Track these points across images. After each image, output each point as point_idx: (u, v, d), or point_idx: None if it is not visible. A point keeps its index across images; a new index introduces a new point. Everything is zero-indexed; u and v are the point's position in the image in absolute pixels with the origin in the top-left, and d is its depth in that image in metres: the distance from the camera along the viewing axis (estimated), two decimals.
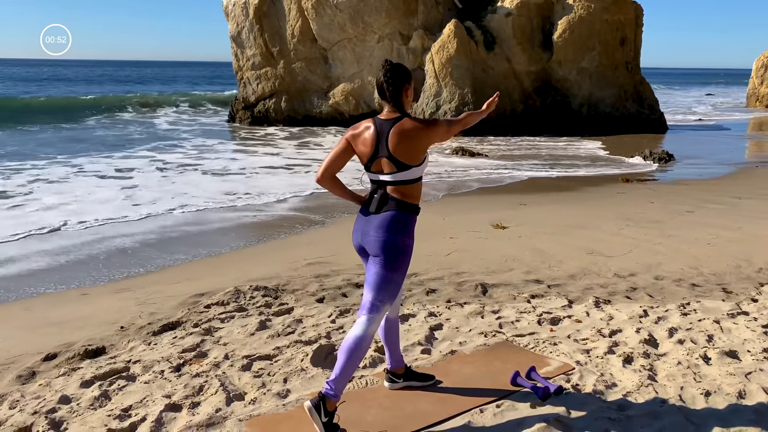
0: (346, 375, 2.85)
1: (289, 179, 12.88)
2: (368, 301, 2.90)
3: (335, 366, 2.86)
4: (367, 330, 2.87)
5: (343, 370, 2.84)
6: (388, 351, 3.30)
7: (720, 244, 6.91)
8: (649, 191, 10.96)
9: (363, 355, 2.88)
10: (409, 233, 2.90)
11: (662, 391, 3.31)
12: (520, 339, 4.13)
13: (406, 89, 2.91)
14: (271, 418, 3.05)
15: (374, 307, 2.89)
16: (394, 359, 3.32)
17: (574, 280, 5.63)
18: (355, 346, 2.84)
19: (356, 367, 2.89)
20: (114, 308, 5.11)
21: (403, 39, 22.68)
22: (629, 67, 23.75)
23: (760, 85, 38.10)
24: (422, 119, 2.91)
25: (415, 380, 3.36)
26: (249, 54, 24.86)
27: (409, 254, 2.91)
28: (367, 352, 3.04)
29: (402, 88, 2.89)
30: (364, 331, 2.86)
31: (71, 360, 3.99)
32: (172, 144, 19.30)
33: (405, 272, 2.94)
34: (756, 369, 3.60)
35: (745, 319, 4.50)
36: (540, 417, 3.02)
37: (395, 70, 2.90)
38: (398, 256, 2.86)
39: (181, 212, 9.64)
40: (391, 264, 2.86)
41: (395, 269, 2.87)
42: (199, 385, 3.47)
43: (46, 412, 3.22)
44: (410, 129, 2.83)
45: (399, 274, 2.90)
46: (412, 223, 2.92)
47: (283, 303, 4.99)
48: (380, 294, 2.88)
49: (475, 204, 10.07)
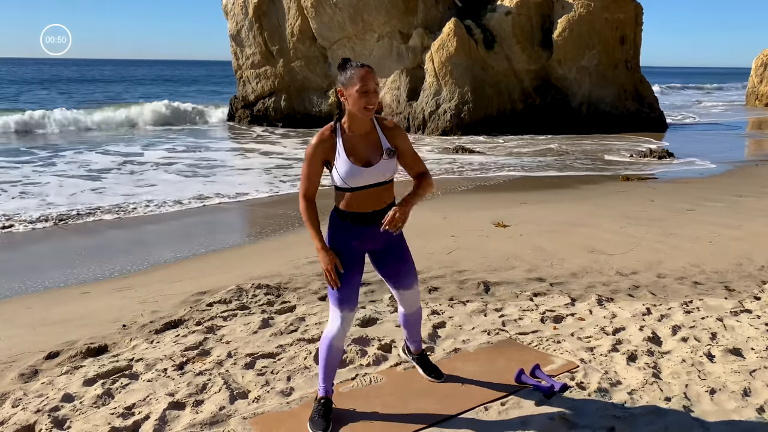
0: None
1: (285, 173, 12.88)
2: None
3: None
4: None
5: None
6: (406, 333, 3.42)
7: (721, 242, 6.90)
8: (649, 189, 10.96)
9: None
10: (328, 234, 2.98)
11: (667, 389, 3.31)
12: (524, 337, 4.12)
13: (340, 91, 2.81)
14: (275, 416, 3.04)
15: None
16: (412, 340, 3.44)
17: (576, 278, 5.62)
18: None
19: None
20: (116, 306, 5.10)
21: (403, 38, 22.65)
22: (629, 65, 23.74)
23: (760, 83, 38.11)
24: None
25: (423, 367, 3.43)
26: (248, 53, 24.84)
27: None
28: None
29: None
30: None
31: (73, 358, 3.98)
32: (169, 140, 19.30)
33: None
34: (761, 366, 3.59)
35: (748, 317, 4.49)
36: (545, 415, 3.02)
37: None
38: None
39: (179, 209, 9.63)
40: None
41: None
42: (202, 383, 3.46)
43: (49, 410, 3.21)
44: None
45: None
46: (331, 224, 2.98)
47: (286, 301, 4.98)
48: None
49: (476, 202, 10.06)
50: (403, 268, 3.09)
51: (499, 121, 21.99)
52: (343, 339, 2.96)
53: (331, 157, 2.81)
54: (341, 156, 2.79)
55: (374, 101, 2.71)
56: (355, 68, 2.71)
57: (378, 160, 2.82)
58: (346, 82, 2.72)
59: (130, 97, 40.15)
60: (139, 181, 12.24)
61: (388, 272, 3.09)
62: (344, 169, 2.78)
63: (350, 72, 2.71)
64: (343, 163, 2.78)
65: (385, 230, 2.80)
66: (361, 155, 2.81)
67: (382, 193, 2.88)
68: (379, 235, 2.91)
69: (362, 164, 2.80)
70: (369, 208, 2.86)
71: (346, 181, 2.80)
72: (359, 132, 2.82)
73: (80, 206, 9.72)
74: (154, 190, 11.19)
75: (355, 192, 2.83)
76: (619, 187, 11.38)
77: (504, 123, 22.04)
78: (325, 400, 3.00)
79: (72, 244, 7.78)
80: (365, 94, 2.68)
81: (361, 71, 2.70)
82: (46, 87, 50.28)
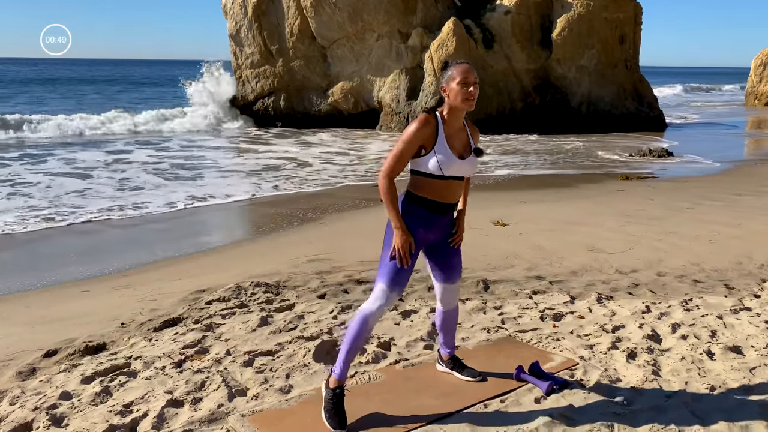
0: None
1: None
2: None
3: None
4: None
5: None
6: (442, 336, 3.47)
7: (721, 240, 6.90)
8: (648, 188, 10.95)
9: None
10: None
11: (667, 386, 3.30)
12: (523, 335, 4.11)
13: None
14: (274, 414, 3.03)
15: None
16: (447, 345, 3.48)
17: (575, 276, 5.62)
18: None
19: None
20: (114, 305, 5.09)
21: (402, 37, 22.64)
22: (628, 65, 23.74)
23: (759, 83, 38.10)
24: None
25: (457, 370, 3.44)
26: (248, 52, 24.80)
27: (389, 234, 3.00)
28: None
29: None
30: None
31: (72, 356, 3.97)
32: (165, 139, 19.28)
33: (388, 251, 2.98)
34: (761, 364, 3.59)
35: (747, 315, 4.48)
36: (544, 412, 3.01)
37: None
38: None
39: (181, 208, 9.62)
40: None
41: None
42: (200, 380, 3.45)
43: (47, 408, 3.20)
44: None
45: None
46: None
47: (285, 299, 4.97)
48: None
49: (475, 201, 10.00)
50: (454, 261, 3.20)
51: (498, 120, 21.97)
52: (378, 320, 2.99)
53: (430, 143, 2.90)
54: (442, 144, 2.90)
55: (474, 94, 2.90)
56: (455, 65, 2.94)
57: (468, 156, 2.99)
58: (447, 78, 2.92)
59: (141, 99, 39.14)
60: (125, 183, 12.23)
61: (440, 263, 3.18)
62: (445, 156, 2.89)
63: (451, 69, 2.93)
64: (444, 150, 2.89)
65: (452, 243, 3.12)
66: (457, 148, 2.96)
67: (458, 187, 3.02)
68: (445, 226, 3.07)
69: (458, 156, 2.94)
70: (447, 199, 2.99)
71: (442, 169, 2.89)
72: (455, 127, 2.97)
73: (74, 207, 9.70)
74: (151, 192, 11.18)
75: (444, 181, 2.94)
76: (618, 186, 11.37)
77: (504, 122, 22.02)
78: (340, 390, 2.94)
79: (71, 242, 7.77)
80: (465, 85, 2.88)
81: (462, 66, 2.92)
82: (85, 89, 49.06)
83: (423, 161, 2.90)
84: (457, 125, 2.98)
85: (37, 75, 71.74)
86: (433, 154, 2.88)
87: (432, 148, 2.88)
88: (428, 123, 2.89)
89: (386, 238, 3.00)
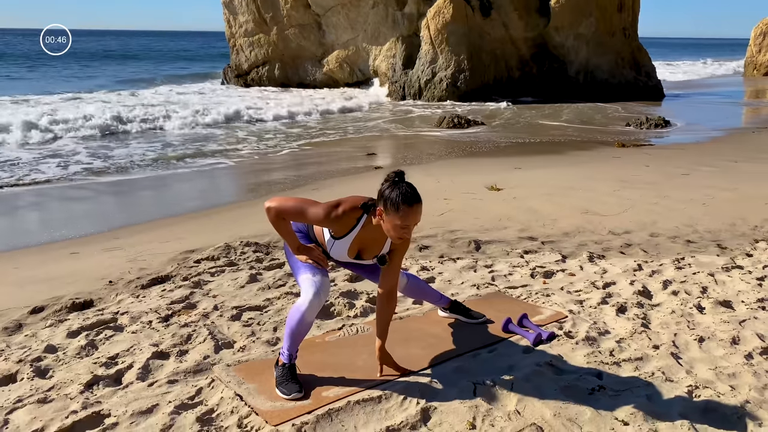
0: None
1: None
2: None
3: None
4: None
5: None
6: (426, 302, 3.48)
7: (715, 203, 6.86)
8: (644, 155, 10.88)
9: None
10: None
11: (655, 338, 3.28)
12: (513, 291, 4.09)
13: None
14: (259, 364, 3.01)
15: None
16: (436, 301, 3.49)
17: (568, 237, 5.59)
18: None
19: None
20: (104, 265, 5.05)
21: (398, 4, 22.28)
22: (627, 33, 23.48)
23: (758, 53, 37.79)
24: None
25: (460, 314, 3.48)
26: (241, 20, 24.45)
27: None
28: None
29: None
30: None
31: (58, 312, 3.94)
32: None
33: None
34: (750, 317, 3.57)
35: (739, 273, 4.47)
36: (532, 361, 2.99)
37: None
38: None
39: (173, 171, 9.55)
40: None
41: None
42: (187, 334, 3.43)
43: (32, 360, 3.17)
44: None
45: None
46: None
47: (274, 258, 4.93)
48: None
49: (470, 167, 9.97)
50: (378, 270, 2.99)
51: (495, 88, 21.80)
52: (317, 309, 2.76)
53: (335, 231, 2.78)
54: (345, 240, 2.79)
55: (408, 235, 2.66)
56: (405, 202, 2.55)
57: (368, 259, 2.88)
58: (390, 207, 2.56)
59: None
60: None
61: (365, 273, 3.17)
62: (337, 250, 2.85)
63: (400, 204, 2.55)
64: (340, 246, 2.82)
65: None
66: (357, 248, 2.83)
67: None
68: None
69: (353, 256, 2.86)
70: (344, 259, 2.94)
71: (331, 252, 2.88)
72: (376, 232, 2.74)
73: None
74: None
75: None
76: (614, 153, 11.30)
77: (501, 91, 21.85)
78: (291, 365, 2.80)
79: (61, 203, 7.71)
80: (404, 229, 2.60)
81: (410, 210, 2.55)
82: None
83: (323, 233, 2.86)
84: (379, 232, 2.73)
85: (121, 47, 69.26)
86: (332, 238, 2.80)
87: (332, 233, 2.79)
88: (347, 222, 2.70)
89: (290, 262, 2.91)
